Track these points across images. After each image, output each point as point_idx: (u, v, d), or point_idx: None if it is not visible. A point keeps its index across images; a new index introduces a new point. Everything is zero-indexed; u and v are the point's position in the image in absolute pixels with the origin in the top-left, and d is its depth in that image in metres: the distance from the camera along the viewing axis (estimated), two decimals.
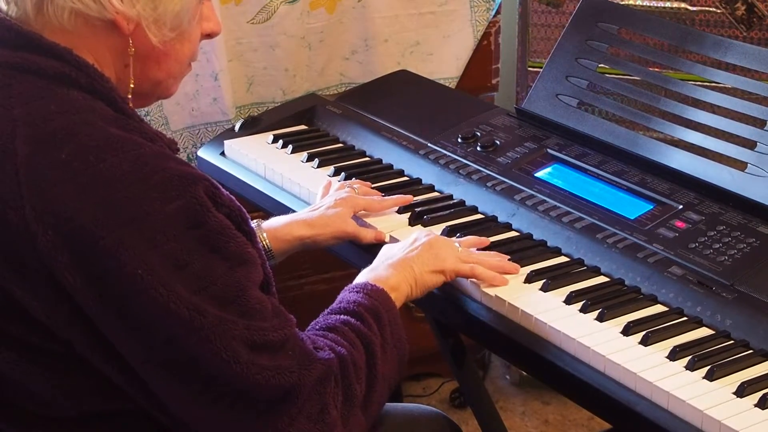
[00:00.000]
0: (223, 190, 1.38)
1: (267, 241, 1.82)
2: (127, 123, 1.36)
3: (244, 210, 1.42)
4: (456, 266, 1.70)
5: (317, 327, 1.52)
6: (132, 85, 1.44)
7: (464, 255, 1.73)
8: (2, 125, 1.31)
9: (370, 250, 1.90)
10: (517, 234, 1.89)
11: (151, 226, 1.27)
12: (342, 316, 1.52)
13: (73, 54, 1.36)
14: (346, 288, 1.61)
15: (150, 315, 1.28)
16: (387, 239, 1.88)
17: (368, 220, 1.93)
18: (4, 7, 1.40)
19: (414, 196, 2.01)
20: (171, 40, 1.43)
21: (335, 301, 1.58)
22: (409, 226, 1.92)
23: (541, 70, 2.21)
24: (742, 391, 1.46)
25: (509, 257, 1.78)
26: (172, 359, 1.30)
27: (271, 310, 1.37)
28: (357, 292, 1.57)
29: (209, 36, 1.52)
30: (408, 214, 1.94)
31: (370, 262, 1.90)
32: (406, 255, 1.69)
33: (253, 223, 1.80)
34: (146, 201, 1.28)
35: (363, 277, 1.65)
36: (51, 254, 1.27)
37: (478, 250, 1.79)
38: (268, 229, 1.84)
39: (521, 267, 1.76)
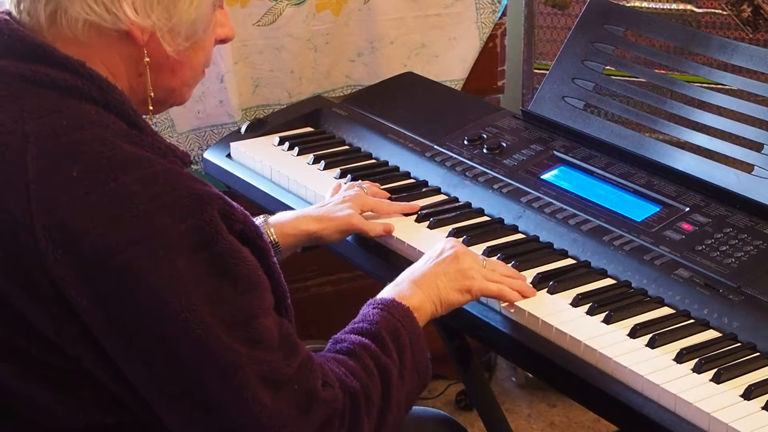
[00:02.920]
0: (236, 205, 1.36)
1: (274, 236, 1.82)
2: (140, 138, 1.34)
3: (259, 226, 1.40)
4: (483, 285, 1.66)
5: (338, 347, 1.48)
6: (152, 94, 1.42)
7: (489, 273, 1.68)
8: (14, 140, 1.30)
9: (376, 252, 1.90)
10: (524, 236, 1.89)
11: (161, 245, 1.26)
12: (363, 339, 1.48)
13: (85, 67, 1.34)
14: (369, 302, 1.56)
15: (157, 335, 1.27)
16: (395, 232, 1.88)
17: (375, 221, 1.93)
18: (16, 16, 1.38)
19: (420, 198, 2.02)
20: (186, 49, 1.41)
21: (358, 316, 1.54)
22: (416, 223, 1.92)
23: (548, 72, 2.21)
24: (749, 394, 1.46)
25: (516, 259, 1.78)
26: (176, 383, 1.29)
27: (279, 340, 1.34)
28: (381, 309, 1.53)
29: (223, 41, 1.51)
30: (414, 216, 1.94)
31: (376, 264, 1.91)
32: (431, 270, 1.64)
33: (260, 219, 1.81)
34: (156, 220, 1.27)
35: (387, 292, 1.61)
36: (60, 272, 1.25)
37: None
38: (275, 223, 1.84)
39: (528, 269, 1.76)
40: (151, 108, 1.44)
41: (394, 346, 1.49)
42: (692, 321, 1.64)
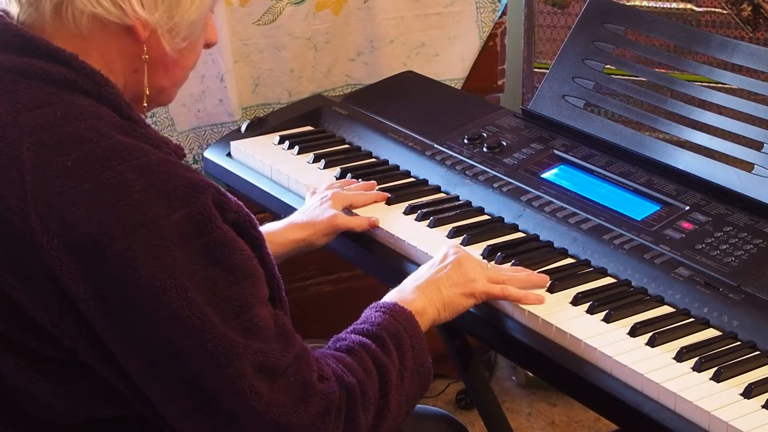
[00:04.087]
0: (230, 196, 1.37)
1: None
2: (134, 129, 1.35)
3: (253, 215, 1.41)
4: (486, 288, 1.66)
5: (338, 345, 1.49)
6: (147, 92, 1.43)
7: (493, 273, 1.69)
8: (8, 132, 1.30)
9: (376, 251, 1.90)
10: (524, 235, 1.89)
11: (156, 233, 1.26)
12: (363, 339, 1.49)
13: (78, 60, 1.35)
14: (372, 305, 1.57)
15: (154, 323, 1.27)
16: (381, 224, 1.90)
17: (359, 217, 1.94)
18: (14, 10, 1.38)
19: (420, 197, 2.02)
20: (182, 49, 1.42)
21: (360, 318, 1.55)
22: (416, 222, 1.92)
23: (548, 71, 2.21)
24: (749, 393, 1.46)
25: (516, 258, 1.78)
26: (172, 372, 1.29)
27: (275, 330, 1.35)
28: (383, 312, 1.54)
29: (208, 46, 1.51)
30: (415, 215, 1.95)
31: (375, 263, 1.91)
32: (434, 276, 1.65)
33: None
34: (152, 208, 1.27)
35: (390, 297, 1.61)
36: (56, 262, 1.26)
37: None
38: (265, 234, 1.84)
39: (527, 269, 1.75)
40: (145, 105, 1.45)
41: (394, 347, 1.50)
42: (692, 320, 1.64)
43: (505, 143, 2.13)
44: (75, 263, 1.26)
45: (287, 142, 2.27)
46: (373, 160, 2.21)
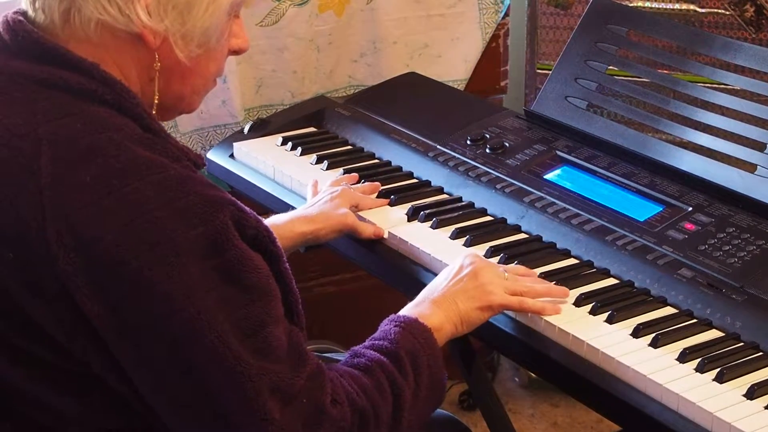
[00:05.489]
0: (249, 210, 1.35)
1: None
2: (154, 141, 1.33)
3: (272, 231, 1.39)
4: (504, 300, 1.63)
5: (355, 361, 1.47)
6: (156, 101, 1.41)
7: (511, 284, 1.66)
8: (27, 144, 1.29)
9: (375, 251, 1.90)
10: (527, 236, 1.89)
11: (173, 251, 1.25)
12: (381, 357, 1.47)
13: (99, 69, 1.33)
14: (391, 318, 1.55)
15: (168, 341, 1.26)
16: (386, 235, 1.89)
17: (369, 217, 1.95)
18: (31, 14, 1.37)
19: (423, 198, 2.03)
20: (198, 56, 1.39)
21: (378, 332, 1.53)
22: (419, 223, 1.93)
23: (550, 72, 2.21)
24: (752, 393, 1.46)
25: (519, 259, 1.78)
26: (185, 390, 1.28)
27: (289, 350, 1.33)
28: (402, 327, 1.51)
29: (236, 52, 1.49)
30: (418, 215, 1.95)
31: (377, 264, 1.91)
32: (450, 289, 1.63)
33: None
34: (169, 226, 1.26)
35: (408, 311, 1.59)
36: (71, 277, 1.24)
37: None
38: (270, 226, 1.84)
39: (531, 269, 1.76)
40: (154, 112, 1.42)
41: (411, 367, 1.48)
42: (695, 321, 1.64)
43: (507, 144, 2.13)
44: (90, 279, 1.25)
45: (290, 144, 2.27)
46: (376, 161, 2.21)
